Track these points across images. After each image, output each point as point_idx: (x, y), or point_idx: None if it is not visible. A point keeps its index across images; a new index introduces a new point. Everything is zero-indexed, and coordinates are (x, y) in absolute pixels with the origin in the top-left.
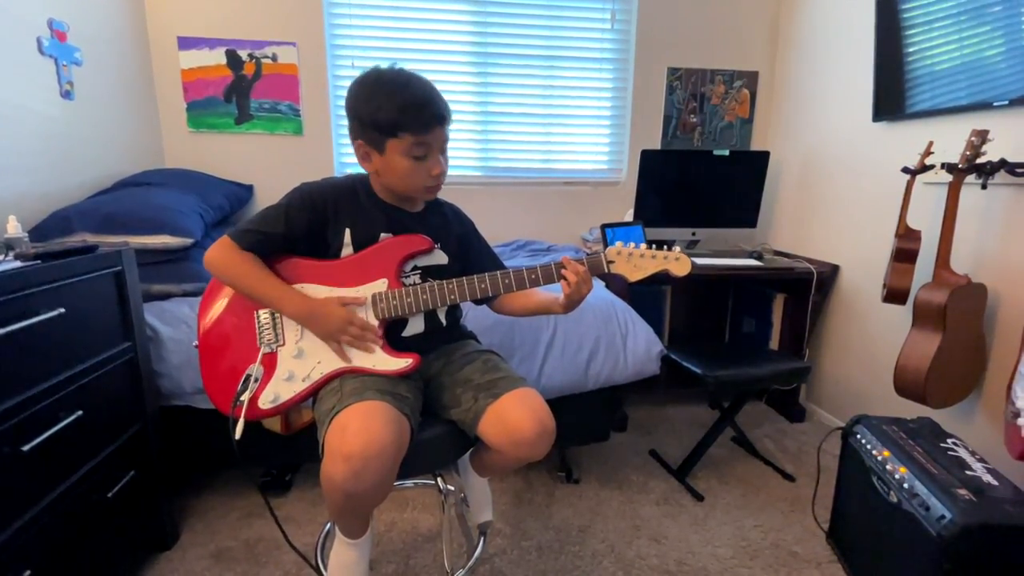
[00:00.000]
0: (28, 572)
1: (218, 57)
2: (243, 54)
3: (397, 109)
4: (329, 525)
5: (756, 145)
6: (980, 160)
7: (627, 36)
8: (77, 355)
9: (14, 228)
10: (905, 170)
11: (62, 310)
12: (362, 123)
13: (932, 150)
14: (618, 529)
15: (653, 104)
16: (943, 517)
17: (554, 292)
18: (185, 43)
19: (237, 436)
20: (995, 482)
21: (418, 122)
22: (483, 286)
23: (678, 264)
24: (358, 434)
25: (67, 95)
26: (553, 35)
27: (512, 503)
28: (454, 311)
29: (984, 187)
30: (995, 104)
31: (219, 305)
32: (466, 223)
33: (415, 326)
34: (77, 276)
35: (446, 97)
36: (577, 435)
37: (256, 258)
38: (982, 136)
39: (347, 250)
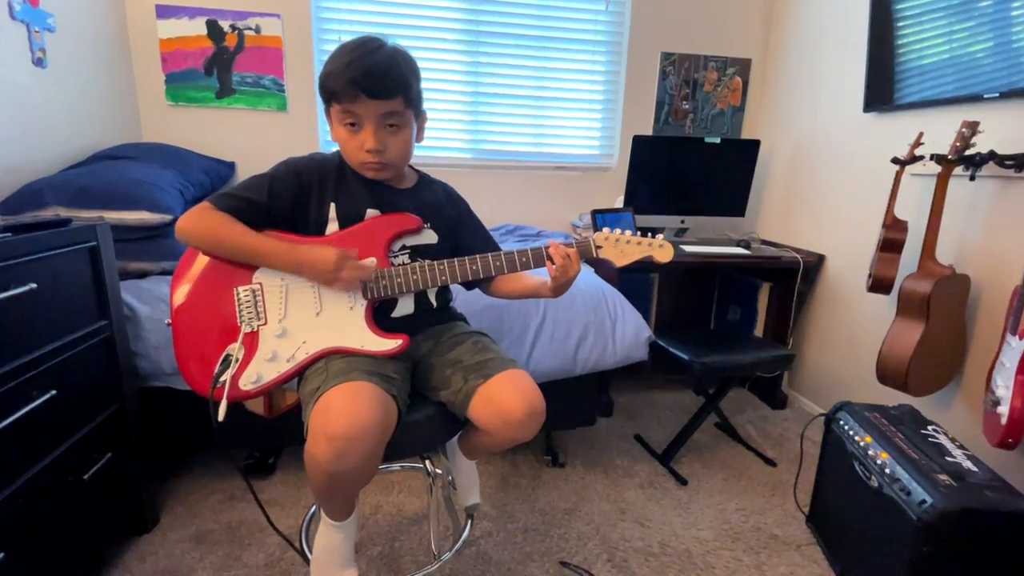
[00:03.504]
0: (2, 555)
1: (198, 27)
2: (225, 25)
3: (328, 75)
4: (314, 508)
5: (747, 133)
6: (969, 152)
7: (621, 19)
8: (50, 333)
9: None
10: (894, 161)
11: (34, 285)
12: (319, 90)
13: (922, 141)
14: (603, 512)
15: (646, 89)
16: (924, 502)
17: (544, 276)
18: (163, 11)
19: (220, 418)
20: (974, 468)
21: (338, 87)
22: (474, 268)
23: (662, 251)
24: (342, 415)
25: (39, 63)
26: (546, 16)
27: (498, 486)
28: (445, 293)
29: (972, 179)
30: (985, 96)
31: (194, 280)
32: (459, 204)
33: (405, 307)
34: (50, 250)
35: (435, 76)
36: (564, 419)
37: (233, 217)
38: (972, 128)
39: (332, 226)
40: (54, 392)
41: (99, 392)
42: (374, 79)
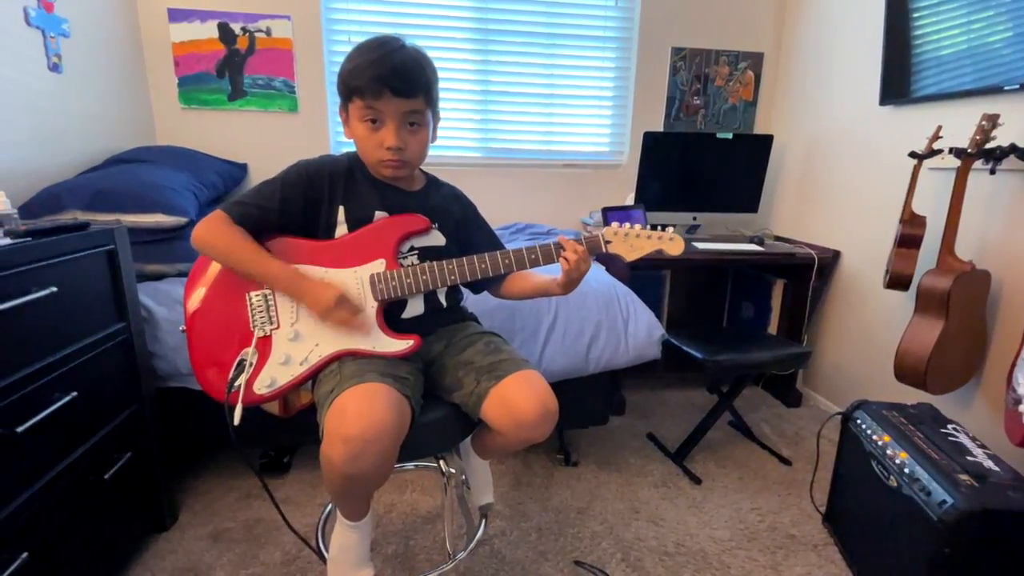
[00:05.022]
0: (25, 555)
1: (210, 30)
2: (236, 27)
3: (352, 71)
4: (329, 507)
5: (759, 128)
6: (989, 145)
7: (631, 14)
8: (70, 335)
9: (3, 205)
10: (912, 155)
11: (54, 289)
12: (338, 86)
13: (940, 134)
14: (616, 511)
15: (656, 85)
16: (944, 502)
17: (552, 273)
18: (175, 15)
19: (236, 423)
20: (996, 468)
21: (362, 83)
22: (483, 266)
23: (672, 244)
24: (357, 416)
25: (55, 68)
26: (555, 12)
27: (511, 485)
28: (455, 293)
29: (992, 172)
30: (1005, 88)
31: (207, 286)
32: (467, 206)
33: (415, 308)
34: (69, 254)
35: (445, 75)
36: (576, 418)
37: (246, 233)
38: (992, 120)
39: (341, 228)
40: (75, 394)
41: (118, 393)
42: (400, 77)
